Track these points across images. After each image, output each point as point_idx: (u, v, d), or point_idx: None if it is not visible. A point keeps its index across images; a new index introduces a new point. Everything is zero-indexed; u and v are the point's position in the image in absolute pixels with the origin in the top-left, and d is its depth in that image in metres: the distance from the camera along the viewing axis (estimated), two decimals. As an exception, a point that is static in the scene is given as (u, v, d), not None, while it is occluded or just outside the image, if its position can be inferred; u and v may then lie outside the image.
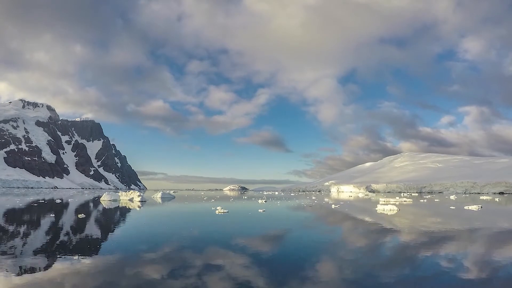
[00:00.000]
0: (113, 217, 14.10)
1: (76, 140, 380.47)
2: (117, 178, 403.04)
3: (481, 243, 7.79)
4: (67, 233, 8.56)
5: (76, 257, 5.46)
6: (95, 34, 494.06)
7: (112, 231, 9.20)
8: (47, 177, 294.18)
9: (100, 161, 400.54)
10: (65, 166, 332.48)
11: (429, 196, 57.47)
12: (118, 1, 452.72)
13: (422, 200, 34.39)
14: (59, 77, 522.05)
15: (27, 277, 4.34)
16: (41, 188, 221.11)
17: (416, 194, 74.60)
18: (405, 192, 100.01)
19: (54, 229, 9.38)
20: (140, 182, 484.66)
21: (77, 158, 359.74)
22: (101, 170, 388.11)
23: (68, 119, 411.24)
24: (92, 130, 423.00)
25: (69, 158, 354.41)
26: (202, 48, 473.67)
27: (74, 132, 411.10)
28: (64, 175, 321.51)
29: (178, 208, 20.50)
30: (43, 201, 26.52)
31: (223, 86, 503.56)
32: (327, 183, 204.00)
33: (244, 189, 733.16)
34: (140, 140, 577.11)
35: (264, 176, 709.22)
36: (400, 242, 7.69)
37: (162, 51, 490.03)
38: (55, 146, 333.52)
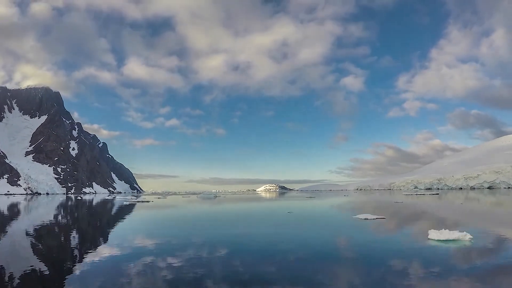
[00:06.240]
0: None
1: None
2: (59, 173, 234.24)
3: None
4: None
5: None
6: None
7: None
8: None
9: (33, 146, 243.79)
10: None
11: None
12: None
13: None
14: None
15: None
16: None
17: None
18: None
19: None
20: (135, 183, 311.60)
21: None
22: (26, 160, 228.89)
23: (8, 87, 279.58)
24: (43, 101, 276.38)
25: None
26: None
27: (14, 104, 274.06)
28: None
29: None
30: None
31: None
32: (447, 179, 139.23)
33: (284, 188, 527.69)
34: (169, 142, 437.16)
35: (297, 176, 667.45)
36: None
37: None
38: None
